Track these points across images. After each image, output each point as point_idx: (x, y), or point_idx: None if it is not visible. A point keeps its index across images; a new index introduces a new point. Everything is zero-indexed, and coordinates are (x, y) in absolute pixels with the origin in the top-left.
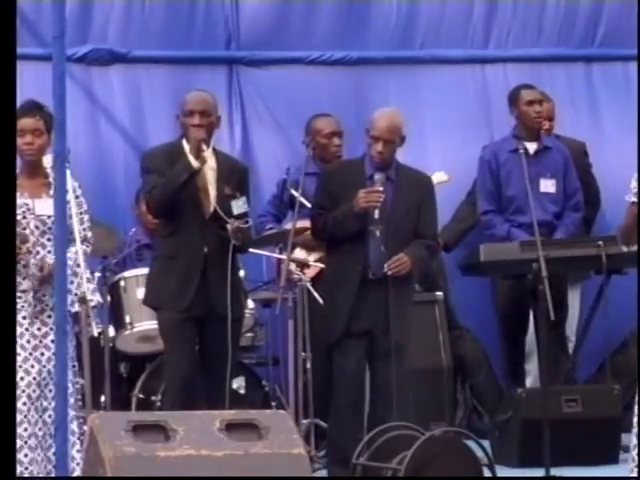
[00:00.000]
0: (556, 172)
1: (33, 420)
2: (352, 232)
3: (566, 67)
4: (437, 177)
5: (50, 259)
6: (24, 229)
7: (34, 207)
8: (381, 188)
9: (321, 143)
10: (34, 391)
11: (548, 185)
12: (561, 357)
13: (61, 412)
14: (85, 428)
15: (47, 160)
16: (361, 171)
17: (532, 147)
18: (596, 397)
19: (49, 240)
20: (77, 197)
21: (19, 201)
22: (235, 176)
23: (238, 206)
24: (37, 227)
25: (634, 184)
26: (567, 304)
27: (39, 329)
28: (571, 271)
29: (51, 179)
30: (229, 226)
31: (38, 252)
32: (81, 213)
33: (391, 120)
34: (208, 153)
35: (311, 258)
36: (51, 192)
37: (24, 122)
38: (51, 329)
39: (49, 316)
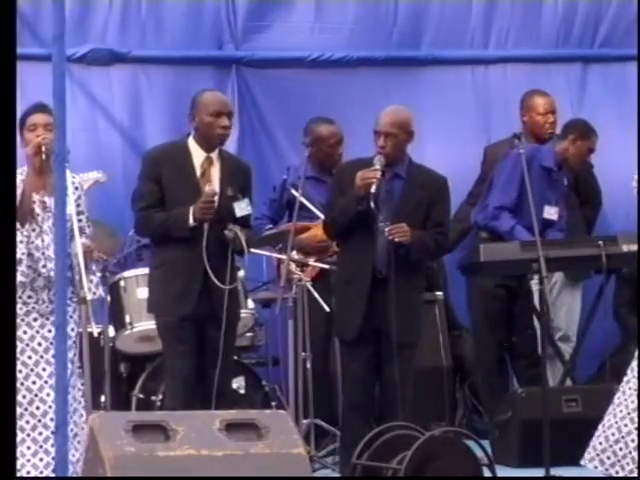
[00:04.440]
0: (558, 200)
1: (29, 427)
2: (354, 218)
3: (565, 67)
4: None
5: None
6: (40, 227)
7: (51, 205)
8: (378, 166)
9: (325, 152)
10: (48, 394)
11: (551, 212)
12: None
13: (61, 412)
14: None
15: None
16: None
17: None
18: (596, 397)
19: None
20: (79, 197)
21: (36, 197)
22: (239, 177)
23: (241, 208)
24: (54, 224)
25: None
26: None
27: (50, 330)
28: (571, 271)
29: None
30: (227, 232)
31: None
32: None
33: (394, 115)
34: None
35: (310, 261)
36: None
37: (36, 117)
38: (37, 332)
39: (35, 319)
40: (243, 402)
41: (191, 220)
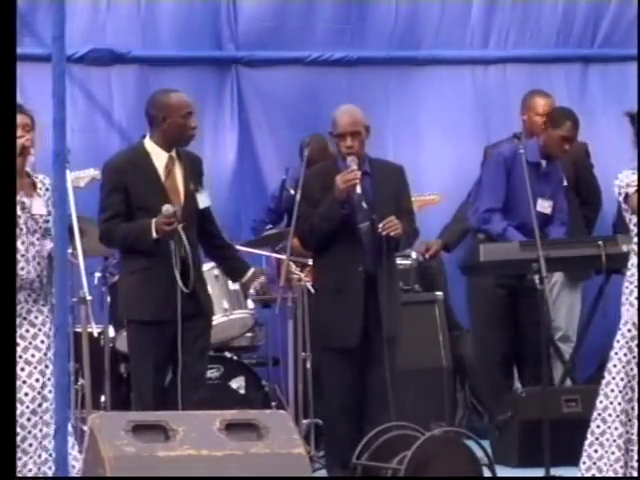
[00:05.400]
0: (553, 194)
1: (31, 423)
2: (338, 223)
3: (565, 67)
4: (429, 197)
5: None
6: (20, 228)
7: (30, 206)
8: (355, 167)
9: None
10: (25, 394)
11: (545, 206)
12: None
13: (61, 412)
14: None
15: (32, 160)
16: (336, 172)
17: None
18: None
19: (38, 239)
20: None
21: (16, 199)
22: (195, 170)
23: (202, 200)
24: (31, 226)
25: (625, 180)
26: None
27: (27, 330)
28: (571, 271)
29: (34, 178)
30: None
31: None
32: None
33: (351, 113)
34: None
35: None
36: (39, 191)
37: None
38: (39, 330)
39: (36, 317)
40: (243, 402)
41: (154, 234)
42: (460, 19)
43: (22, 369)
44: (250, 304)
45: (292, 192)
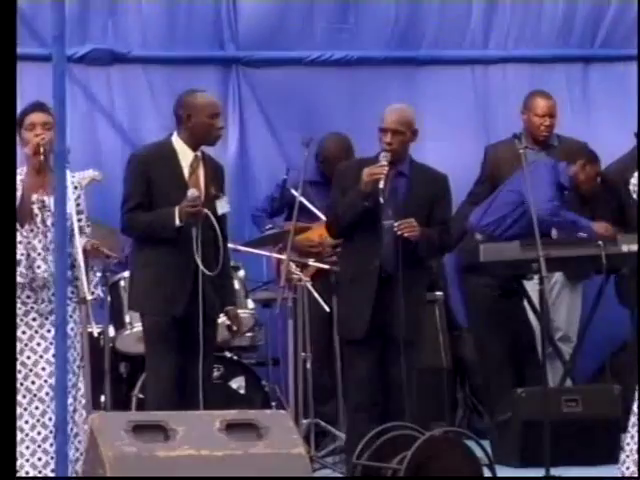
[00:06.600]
0: None
1: (31, 422)
2: (361, 215)
3: (565, 68)
4: None
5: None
6: (46, 227)
7: (50, 204)
8: (384, 162)
9: (333, 164)
10: (23, 396)
11: (554, 234)
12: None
13: (61, 412)
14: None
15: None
16: None
17: None
18: (596, 397)
19: None
20: (79, 196)
21: (35, 197)
22: (218, 175)
23: (222, 206)
24: (53, 224)
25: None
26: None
27: (24, 332)
28: (571, 271)
29: None
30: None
31: None
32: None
33: (399, 112)
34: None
35: (310, 262)
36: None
37: (34, 116)
38: (36, 332)
39: (34, 319)
40: (243, 402)
41: (177, 221)
42: (460, 19)
43: (43, 369)
44: (250, 304)
45: (293, 191)
